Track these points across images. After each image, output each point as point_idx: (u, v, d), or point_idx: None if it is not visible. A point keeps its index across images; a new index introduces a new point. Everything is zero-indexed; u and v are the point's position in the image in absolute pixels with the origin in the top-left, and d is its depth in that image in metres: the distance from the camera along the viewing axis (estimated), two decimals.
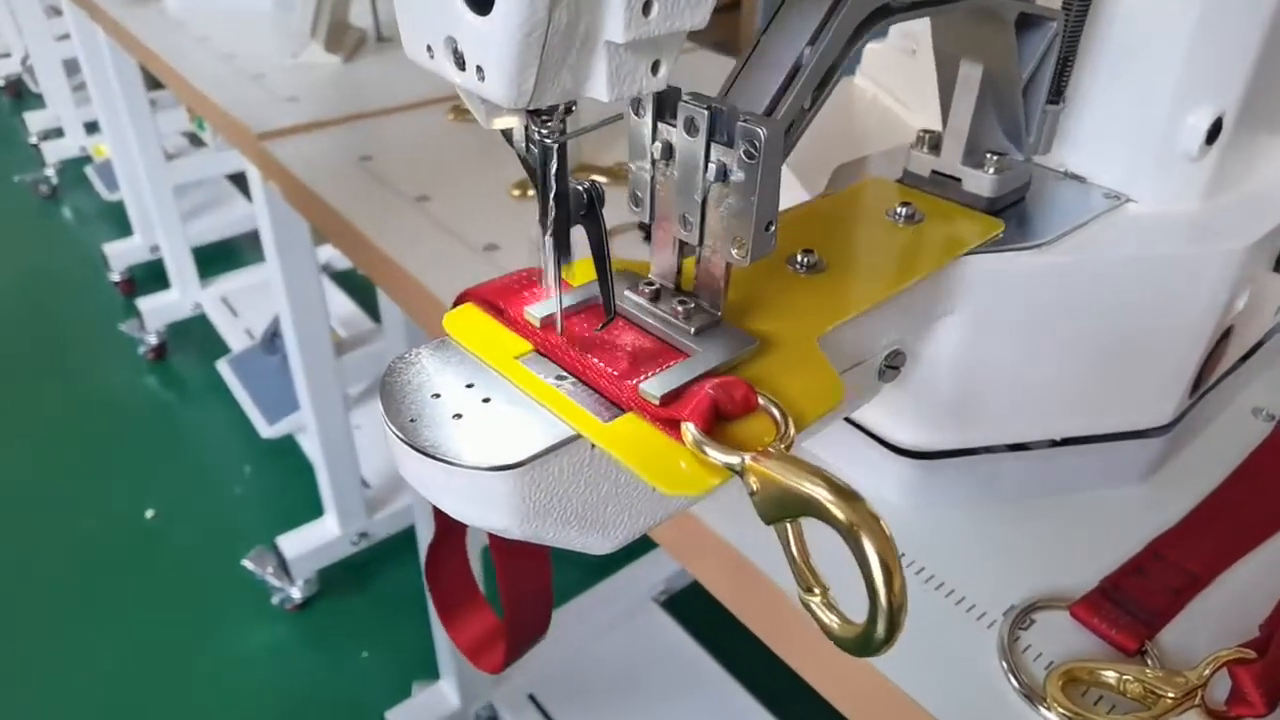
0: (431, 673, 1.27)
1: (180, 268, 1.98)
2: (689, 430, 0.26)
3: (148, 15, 1.23)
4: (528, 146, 0.27)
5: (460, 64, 0.23)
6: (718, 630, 1.30)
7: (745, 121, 0.28)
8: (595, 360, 0.29)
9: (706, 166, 0.29)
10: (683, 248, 0.33)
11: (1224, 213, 0.45)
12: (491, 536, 0.38)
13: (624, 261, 0.35)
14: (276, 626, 1.40)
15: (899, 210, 0.42)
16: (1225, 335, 0.48)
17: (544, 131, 0.25)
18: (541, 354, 0.31)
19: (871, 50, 0.60)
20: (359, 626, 1.41)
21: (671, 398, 0.28)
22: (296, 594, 1.40)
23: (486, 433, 0.27)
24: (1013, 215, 0.44)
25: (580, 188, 0.27)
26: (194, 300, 2.02)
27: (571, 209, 0.27)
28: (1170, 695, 0.37)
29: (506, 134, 0.28)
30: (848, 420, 0.47)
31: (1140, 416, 0.47)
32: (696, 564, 0.47)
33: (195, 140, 2.32)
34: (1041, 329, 0.42)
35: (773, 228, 0.30)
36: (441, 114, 0.93)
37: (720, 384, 0.27)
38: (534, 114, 0.25)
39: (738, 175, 0.29)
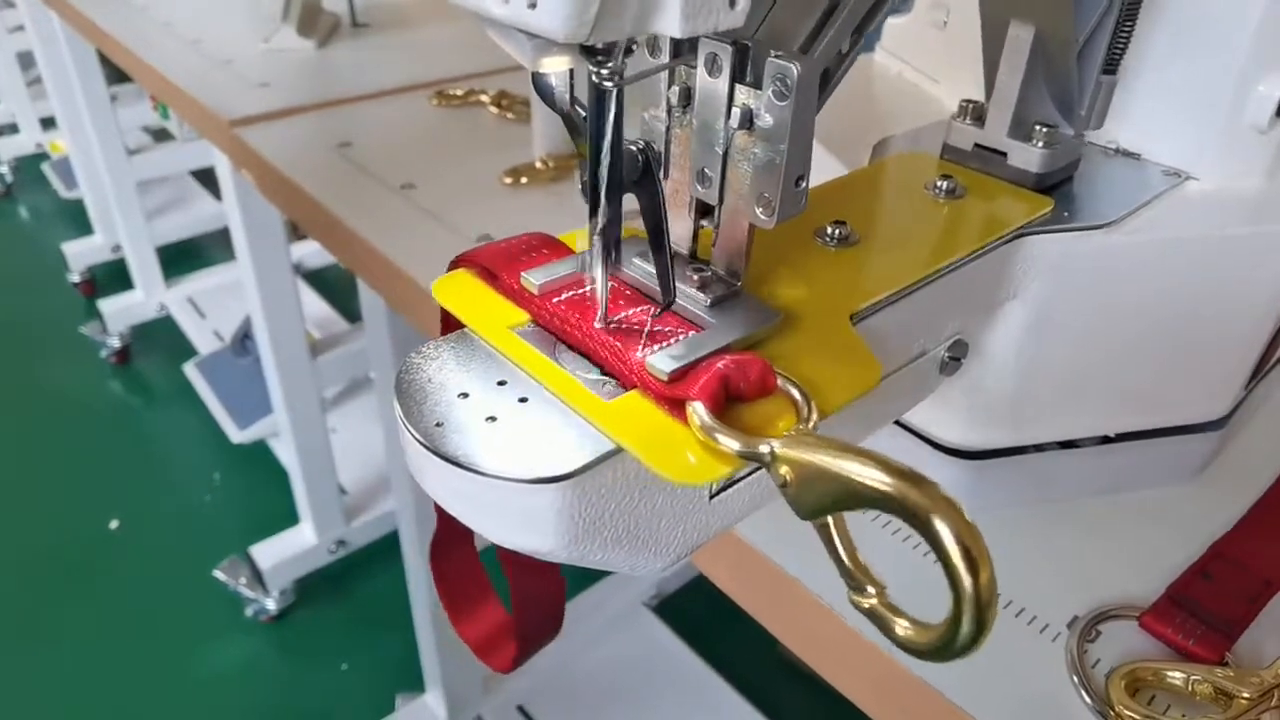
0: (416, 685, 1.22)
1: (144, 268, 1.91)
2: (696, 411, 0.23)
3: (108, 2, 1.17)
4: (572, 99, 0.22)
5: None
6: (710, 634, 1.27)
7: (777, 57, 0.24)
8: (599, 331, 0.26)
9: (730, 111, 0.25)
10: (700, 210, 0.29)
11: None
12: None
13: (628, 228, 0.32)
14: (251, 640, 1.35)
15: (939, 184, 0.38)
16: None
17: (604, 73, 0.21)
18: (540, 325, 0.28)
19: (893, 24, 0.57)
20: (338, 638, 1.36)
21: (681, 374, 0.24)
22: (271, 605, 1.35)
23: (526, 438, 0.23)
24: (1064, 195, 0.40)
25: (635, 148, 0.23)
26: (159, 301, 1.95)
27: (625, 173, 0.23)
28: (1245, 696, 0.34)
29: (542, 88, 0.24)
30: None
31: (1196, 409, 0.44)
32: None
33: (159, 135, 2.24)
34: (1107, 315, 0.39)
35: (804, 183, 0.26)
36: (425, 99, 0.88)
37: (734, 361, 0.24)
38: (590, 53, 0.21)
39: (765, 120, 0.25)
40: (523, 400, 0.25)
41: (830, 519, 0.22)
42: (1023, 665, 0.37)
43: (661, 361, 0.24)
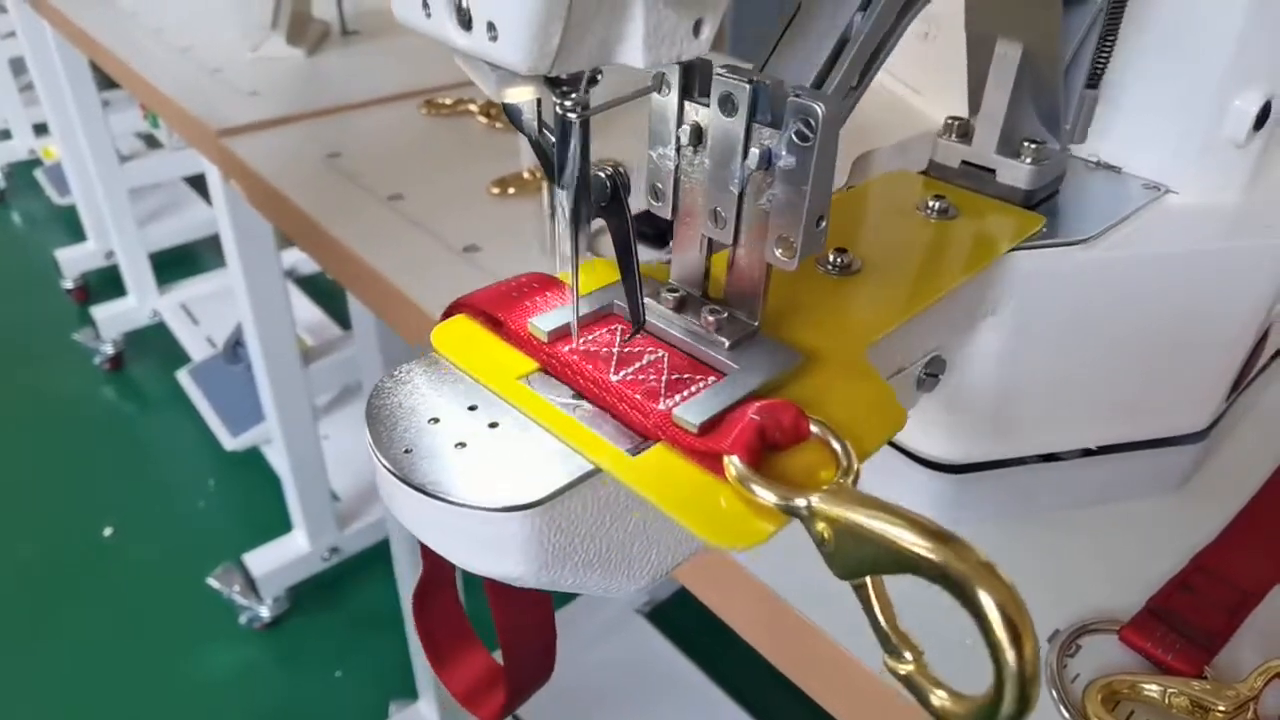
0: (409, 692, 1.22)
1: (137, 274, 1.91)
2: (733, 465, 0.22)
3: (98, 8, 1.17)
4: (539, 126, 0.22)
5: (466, 23, 0.19)
6: (704, 641, 1.27)
7: (798, 96, 0.24)
8: (615, 380, 0.25)
9: (746, 151, 0.25)
10: (710, 247, 0.29)
11: (1268, 204, 0.42)
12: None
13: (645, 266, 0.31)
14: (245, 647, 1.34)
15: (931, 205, 0.38)
16: (1264, 335, 0.45)
17: (567, 104, 0.21)
18: (549, 374, 0.27)
19: None
20: (332, 645, 1.35)
21: (710, 425, 0.24)
22: (265, 613, 1.34)
23: (495, 464, 0.23)
24: (1047, 209, 0.40)
25: (603, 174, 0.23)
26: (152, 308, 1.94)
27: (593, 199, 0.23)
28: (1221, 708, 0.35)
29: (512, 114, 0.24)
30: None
31: (1177, 421, 0.44)
32: (725, 606, 0.43)
33: (151, 142, 2.24)
34: (1086, 330, 0.39)
35: (824, 223, 0.26)
36: (414, 108, 0.88)
37: (765, 408, 0.23)
38: (553, 84, 0.21)
39: (787, 161, 0.25)
40: (493, 425, 0.25)
41: (869, 580, 0.21)
42: None
43: (689, 413, 0.23)
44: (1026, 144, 0.39)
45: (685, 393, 0.25)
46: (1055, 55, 0.38)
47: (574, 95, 0.21)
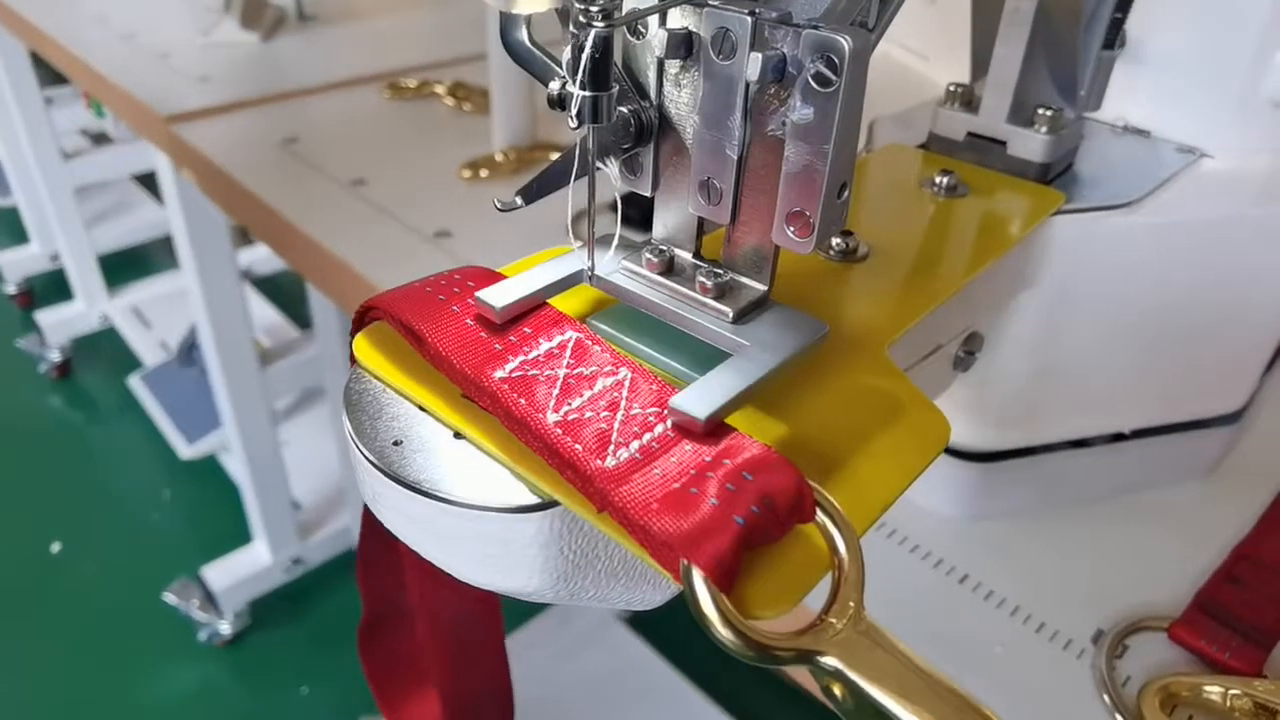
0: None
1: (84, 277, 1.82)
2: (698, 585, 0.16)
3: None
4: (538, 53, 0.19)
5: None
6: (685, 645, 1.24)
7: (817, 29, 0.19)
8: (554, 420, 0.19)
9: (747, 103, 0.20)
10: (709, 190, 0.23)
11: None
12: (426, 615, 0.29)
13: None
14: (205, 665, 1.28)
15: (938, 181, 0.34)
16: None
17: (593, 9, 0.17)
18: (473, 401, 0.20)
19: None
20: (297, 660, 1.30)
21: (716, 428, 0.18)
22: (226, 628, 1.29)
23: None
24: (1072, 176, 0.37)
25: (625, 110, 0.20)
26: (101, 312, 1.86)
27: (612, 140, 0.19)
28: None
29: (511, 45, 0.20)
30: None
31: (1211, 403, 0.42)
32: None
33: (98, 139, 2.15)
34: (1125, 301, 0.36)
35: (846, 192, 0.21)
36: (376, 92, 0.83)
37: (758, 493, 0.17)
38: None
39: (802, 114, 0.20)
40: None
41: None
42: (1049, 686, 0.34)
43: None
44: (1041, 111, 0.35)
45: (641, 441, 0.18)
46: (1077, 8, 0.34)
47: (599, 2, 0.17)
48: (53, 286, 1.95)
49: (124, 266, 1.98)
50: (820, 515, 0.17)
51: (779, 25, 0.18)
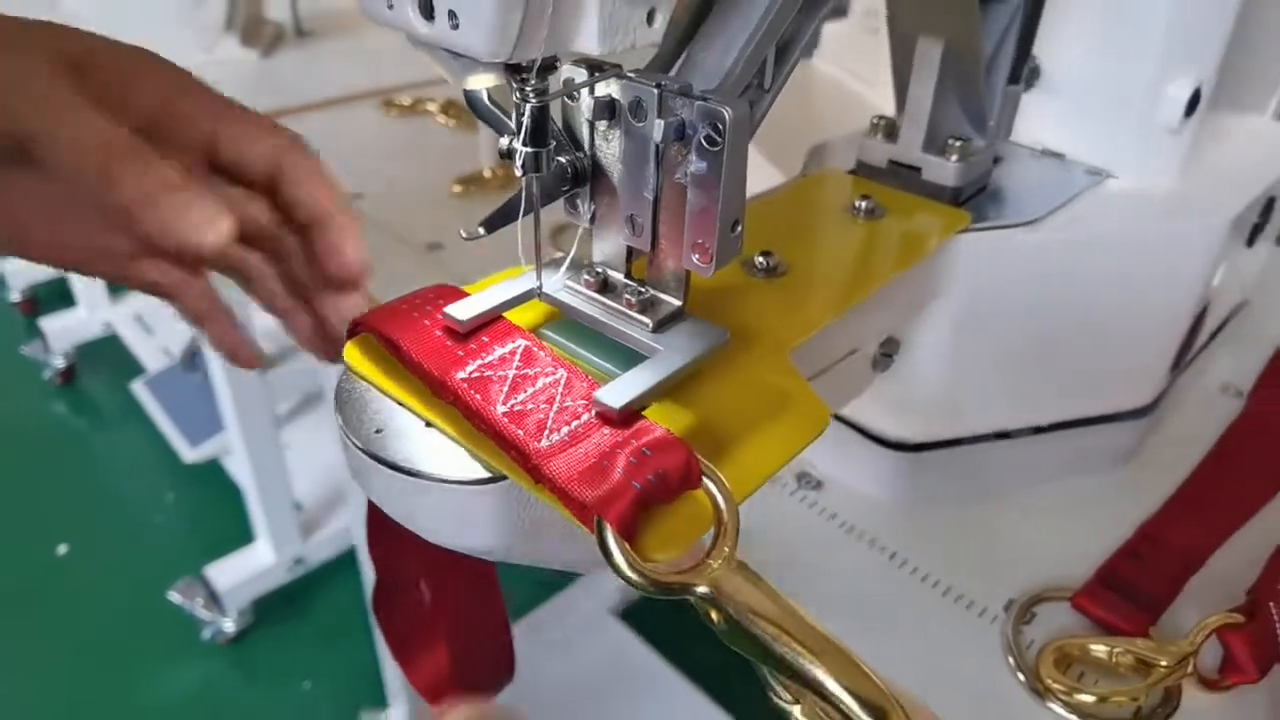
0: (379, 701, 1.21)
1: (87, 284, 1.86)
2: (607, 537, 0.20)
3: (39, 12, 1.14)
4: (497, 111, 0.23)
5: (428, 12, 0.20)
6: (679, 640, 1.27)
7: (706, 101, 0.23)
8: (502, 411, 0.23)
9: (659, 157, 0.24)
10: (633, 225, 0.27)
11: (1202, 188, 0.44)
12: (424, 563, 0.34)
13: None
14: (209, 662, 1.32)
15: (858, 205, 0.38)
16: (1202, 312, 0.47)
17: (528, 89, 0.21)
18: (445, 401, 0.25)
19: (831, 31, 0.58)
20: (299, 657, 1.33)
21: (630, 416, 0.23)
22: (229, 626, 1.32)
23: None
24: (988, 194, 0.42)
25: (563, 160, 0.24)
26: (104, 319, 1.90)
27: (553, 184, 0.24)
28: (1163, 664, 0.36)
29: (471, 101, 0.25)
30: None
31: (1123, 399, 0.46)
32: None
33: None
34: (1031, 310, 0.40)
35: (739, 228, 0.25)
36: (372, 108, 0.88)
37: (655, 466, 0.21)
38: (513, 70, 0.21)
39: (697, 166, 0.24)
40: None
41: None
42: (962, 648, 0.39)
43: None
44: (951, 141, 0.40)
45: (570, 427, 0.23)
46: (976, 52, 0.38)
47: (533, 82, 0.21)
48: (56, 294, 1.99)
49: None
50: (707, 482, 0.22)
51: (678, 96, 0.23)
